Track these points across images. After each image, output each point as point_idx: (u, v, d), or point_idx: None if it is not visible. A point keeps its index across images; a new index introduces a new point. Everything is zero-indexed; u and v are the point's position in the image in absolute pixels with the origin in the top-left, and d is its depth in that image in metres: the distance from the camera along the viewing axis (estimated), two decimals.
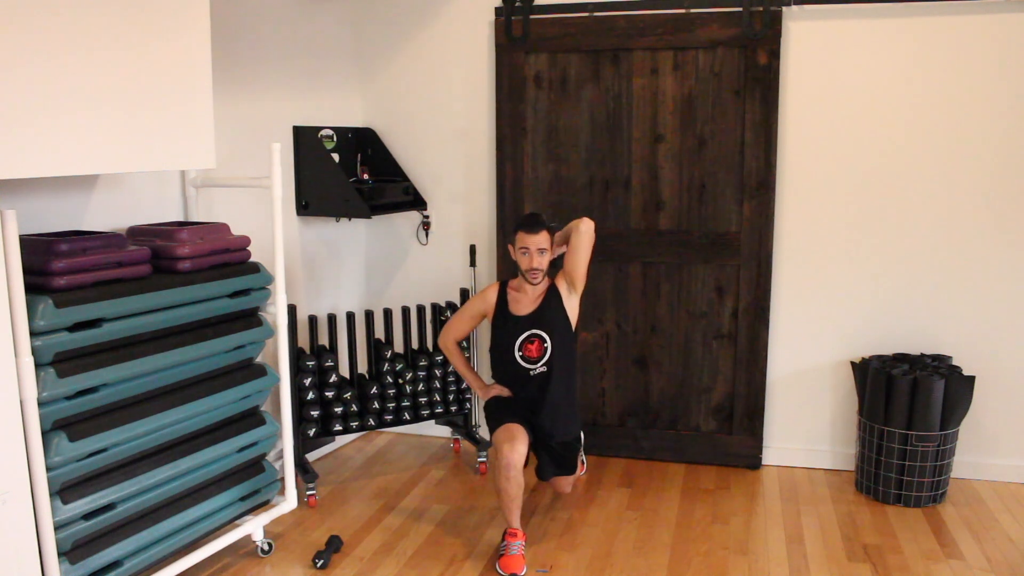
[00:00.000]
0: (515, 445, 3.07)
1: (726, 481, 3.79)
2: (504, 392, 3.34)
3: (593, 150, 3.89)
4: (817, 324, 3.82)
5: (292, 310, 3.36)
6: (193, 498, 2.74)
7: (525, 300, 3.30)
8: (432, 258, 4.24)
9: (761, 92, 3.66)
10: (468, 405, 4.01)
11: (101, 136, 2.34)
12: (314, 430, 3.57)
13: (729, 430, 3.93)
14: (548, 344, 3.25)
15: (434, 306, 3.94)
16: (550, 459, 3.36)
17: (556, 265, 3.34)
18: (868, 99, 3.62)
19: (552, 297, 3.29)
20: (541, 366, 3.27)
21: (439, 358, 3.85)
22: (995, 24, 3.46)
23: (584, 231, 3.24)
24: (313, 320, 3.69)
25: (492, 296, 3.35)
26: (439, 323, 3.91)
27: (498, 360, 3.37)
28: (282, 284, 2.98)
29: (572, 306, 3.31)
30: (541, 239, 3.18)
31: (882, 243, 3.70)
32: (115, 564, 2.47)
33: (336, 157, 3.89)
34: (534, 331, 3.26)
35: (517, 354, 3.27)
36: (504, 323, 3.31)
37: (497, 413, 3.28)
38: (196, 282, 2.66)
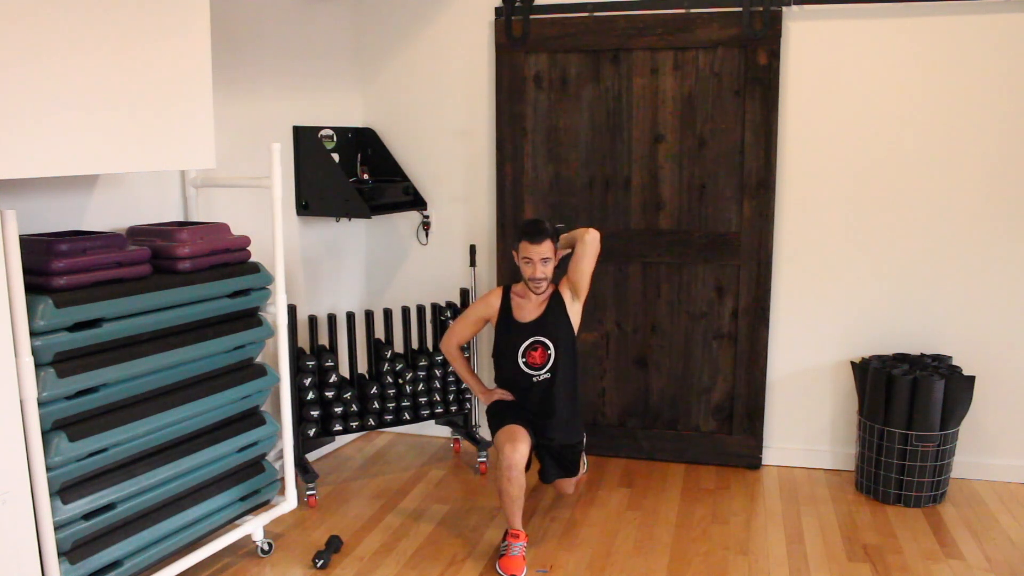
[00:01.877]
0: (517, 446, 3.07)
1: (726, 481, 3.79)
2: (507, 397, 3.34)
3: (593, 150, 3.89)
4: (817, 324, 3.82)
5: (292, 310, 3.36)
6: (193, 498, 2.74)
7: (529, 306, 3.29)
8: (432, 258, 4.24)
9: (761, 92, 3.66)
10: (468, 405, 4.01)
11: (101, 136, 2.34)
12: (314, 430, 3.56)
13: (729, 430, 3.93)
14: (551, 351, 3.25)
15: (434, 306, 3.94)
16: (553, 462, 3.36)
17: (560, 271, 3.33)
18: (868, 99, 3.62)
19: (556, 304, 3.28)
20: (544, 373, 3.27)
21: (439, 358, 3.85)
22: (995, 24, 3.46)
23: (589, 242, 3.24)
24: (313, 320, 3.69)
25: (496, 301, 3.35)
26: (439, 323, 3.91)
27: (501, 366, 3.36)
28: (282, 284, 2.98)
29: (575, 313, 3.31)
30: (544, 248, 3.17)
31: (882, 243, 3.70)
32: (115, 564, 2.47)
33: (336, 157, 3.89)
34: (538, 338, 3.26)
35: (520, 361, 3.27)
36: (507, 329, 3.30)
37: (499, 415, 3.28)
38: (196, 282, 2.66)
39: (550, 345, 3.25)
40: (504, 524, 3.14)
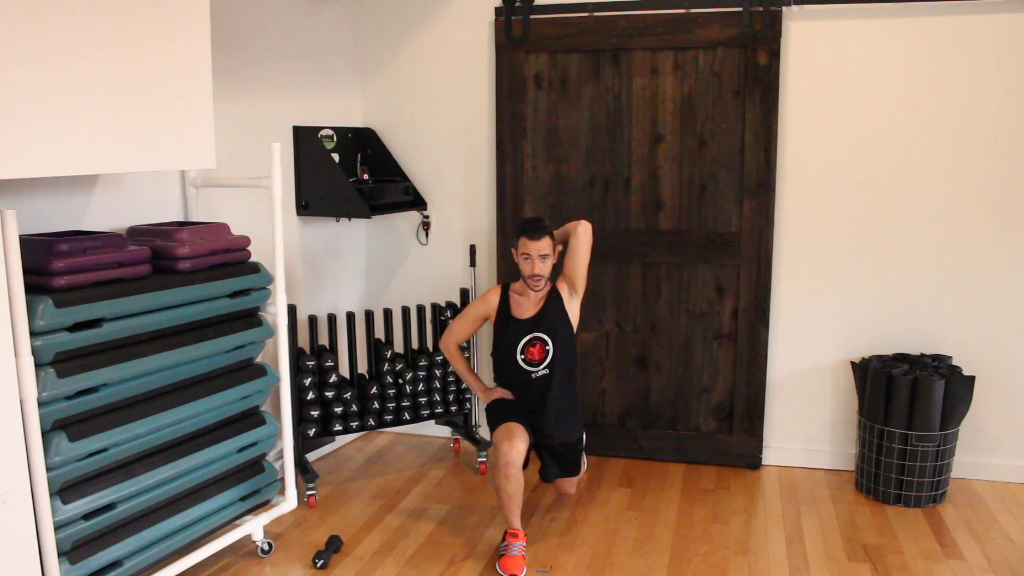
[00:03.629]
0: (514, 443, 3.07)
1: (726, 481, 3.79)
2: (506, 395, 3.34)
3: (593, 150, 3.89)
4: (817, 324, 3.82)
5: (292, 310, 3.36)
6: (193, 498, 2.74)
7: (527, 303, 3.30)
8: (432, 258, 4.24)
9: (761, 92, 3.66)
10: (468, 405, 4.01)
11: (101, 136, 2.34)
12: (314, 430, 3.56)
13: (729, 430, 3.93)
14: (550, 347, 3.26)
15: (434, 306, 3.94)
16: (553, 461, 3.37)
17: (557, 268, 3.34)
18: (868, 99, 3.62)
19: (554, 300, 3.29)
20: (543, 369, 3.27)
21: (439, 358, 3.85)
22: (995, 24, 3.46)
23: (582, 234, 3.25)
24: (313, 320, 3.69)
25: (494, 299, 3.35)
26: (439, 323, 3.91)
27: (500, 363, 3.37)
28: (282, 284, 2.98)
29: (573, 309, 3.32)
30: (543, 245, 3.18)
31: (882, 243, 3.70)
32: (115, 564, 2.47)
33: (336, 157, 3.89)
34: (536, 334, 3.26)
35: (519, 357, 3.28)
36: (506, 326, 3.31)
37: (498, 413, 3.28)
38: (196, 282, 2.66)
39: (548, 341, 3.25)
40: (504, 524, 3.14)
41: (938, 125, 3.58)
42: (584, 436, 3.52)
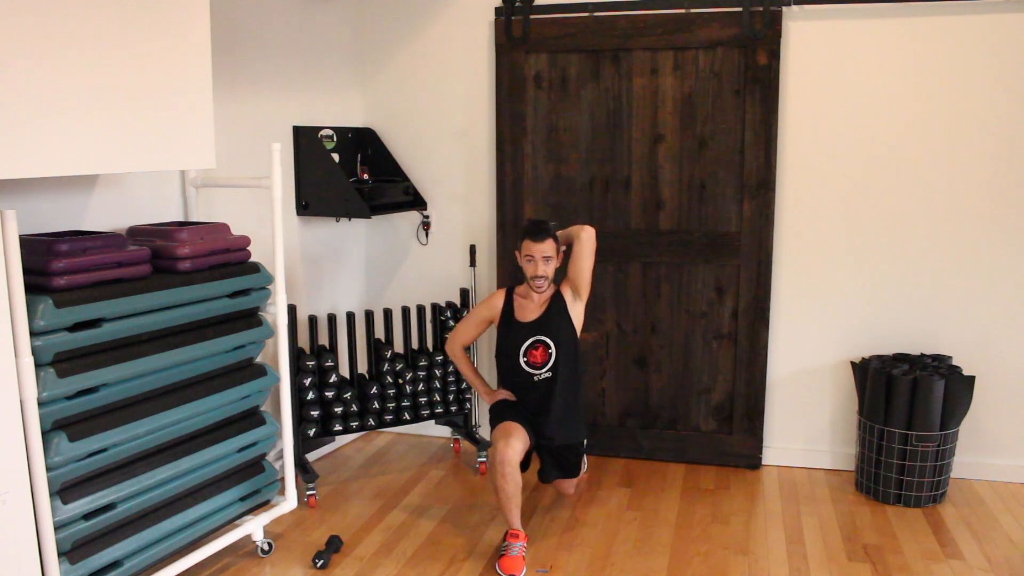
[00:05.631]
0: (510, 442, 3.07)
1: (726, 481, 3.79)
2: (510, 397, 3.34)
3: (593, 150, 3.89)
4: (817, 324, 3.82)
5: (292, 310, 3.36)
6: (193, 498, 2.74)
7: (530, 307, 3.30)
8: (432, 258, 4.24)
9: (761, 92, 3.66)
10: (468, 405, 4.01)
11: (101, 136, 2.34)
12: (314, 430, 3.56)
13: (729, 430, 3.93)
14: (552, 351, 3.25)
15: (434, 306, 3.94)
16: (553, 462, 3.37)
17: (561, 272, 3.34)
18: (868, 99, 3.62)
19: (557, 304, 3.29)
20: (545, 372, 3.27)
21: (439, 358, 3.85)
22: (995, 24, 3.46)
23: (585, 239, 3.25)
24: (313, 320, 3.69)
25: (498, 302, 3.36)
26: (439, 323, 3.91)
27: (503, 365, 3.37)
28: (282, 284, 2.98)
29: (577, 312, 3.32)
30: (547, 247, 3.19)
31: (882, 243, 3.70)
32: (115, 564, 2.47)
33: (336, 157, 3.89)
34: (539, 338, 3.26)
35: (521, 360, 3.28)
36: (509, 329, 3.31)
37: (499, 414, 3.29)
38: (196, 282, 2.66)
39: (551, 344, 3.25)
40: (504, 524, 3.14)
41: (938, 125, 3.58)
42: (585, 440, 3.51)
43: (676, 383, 3.98)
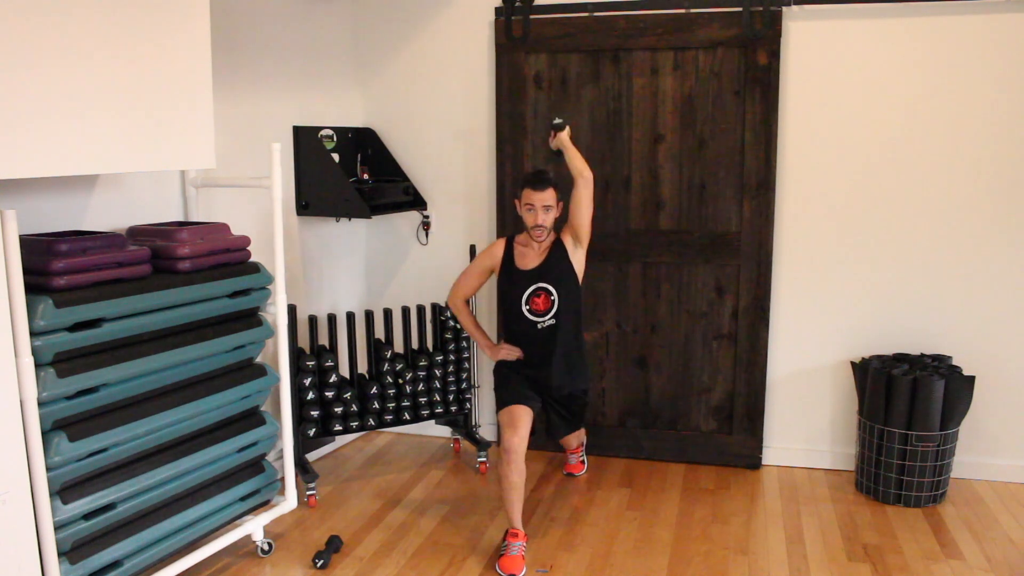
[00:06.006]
0: (517, 429, 3.07)
1: (726, 481, 3.79)
2: (513, 352, 3.34)
3: (593, 150, 3.89)
4: (817, 324, 3.82)
5: (292, 310, 3.36)
6: (193, 498, 2.74)
7: (531, 254, 3.31)
8: (432, 258, 4.24)
9: (761, 92, 3.66)
10: (468, 405, 4.01)
11: (101, 136, 2.34)
12: (314, 430, 3.56)
13: (729, 430, 3.93)
14: (555, 297, 3.26)
15: (434, 306, 3.94)
16: (559, 417, 3.40)
17: (561, 220, 3.34)
18: (868, 99, 3.62)
19: (557, 250, 3.30)
20: (549, 319, 3.28)
21: (439, 358, 3.85)
22: (995, 24, 3.46)
23: (583, 185, 3.27)
24: (313, 320, 3.69)
25: (499, 251, 3.36)
26: (439, 323, 3.91)
27: (506, 315, 3.37)
28: (282, 284, 2.98)
29: (578, 259, 3.32)
30: (547, 196, 3.19)
31: (882, 243, 3.70)
32: (115, 564, 2.47)
33: (336, 157, 3.89)
34: (540, 284, 3.27)
35: (524, 308, 3.28)
36: (510, 278, 3.32)
37: (504, 385, 3.29)
38: (196, 282, 2.66)
39: (553, 291, 3.26)
40: (504, 524, 3.14)
41: (938, 125, 3.58)
42: (589, 387, 3.50)
43: (676, 383, 3.98)
